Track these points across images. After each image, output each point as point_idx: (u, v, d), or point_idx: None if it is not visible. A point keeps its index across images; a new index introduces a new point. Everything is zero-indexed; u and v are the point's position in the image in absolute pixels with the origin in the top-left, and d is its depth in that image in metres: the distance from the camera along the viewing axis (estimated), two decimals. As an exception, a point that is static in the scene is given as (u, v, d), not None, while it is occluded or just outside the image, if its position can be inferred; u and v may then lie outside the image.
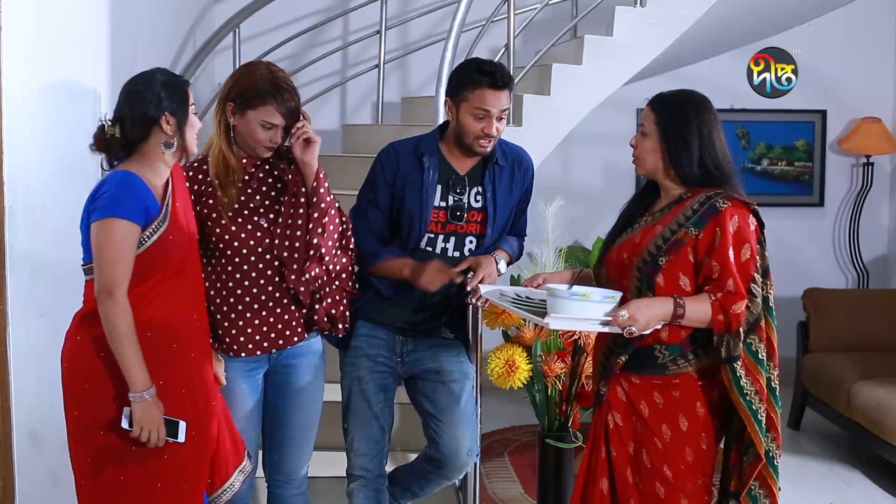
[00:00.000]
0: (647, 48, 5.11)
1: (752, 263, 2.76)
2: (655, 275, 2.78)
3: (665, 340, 2.80)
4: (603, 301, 2.72)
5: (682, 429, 2.81)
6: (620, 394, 2.87)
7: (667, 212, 2.88)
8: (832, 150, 6.90)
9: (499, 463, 5.21)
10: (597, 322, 2.72)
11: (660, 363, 2.81)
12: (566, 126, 5.06)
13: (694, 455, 2.82)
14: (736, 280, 2.72)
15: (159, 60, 4.60)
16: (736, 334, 2.73)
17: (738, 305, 2.72)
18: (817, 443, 5.66)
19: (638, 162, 2.93)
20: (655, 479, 2.82)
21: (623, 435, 2.86)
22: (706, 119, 2.86)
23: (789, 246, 6.75)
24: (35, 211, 3.43)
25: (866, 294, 6.43)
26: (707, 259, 2.75)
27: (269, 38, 5.87)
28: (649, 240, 2.83)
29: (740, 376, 2.74)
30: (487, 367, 3.75)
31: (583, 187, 6.48)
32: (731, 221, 2.75)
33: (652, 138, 2.87)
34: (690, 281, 2.78)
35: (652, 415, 2.82)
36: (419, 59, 6.19)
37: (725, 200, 2.78)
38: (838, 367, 5.50)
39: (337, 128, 6.20)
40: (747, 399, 2.75)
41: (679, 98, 2.91)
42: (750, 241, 2.77)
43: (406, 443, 4.04)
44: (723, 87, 6.71)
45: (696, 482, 2.83)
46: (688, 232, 2.78)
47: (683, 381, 2.81)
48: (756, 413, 2.76)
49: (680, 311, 2.72)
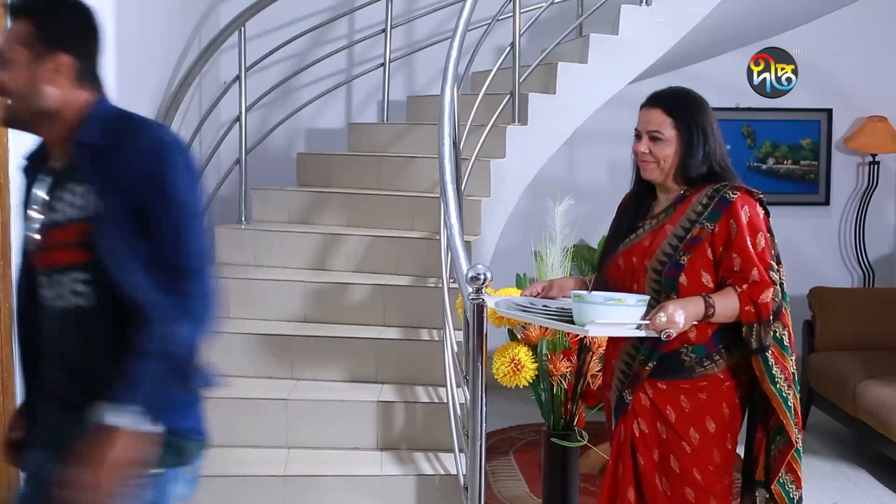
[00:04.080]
0: (653, 47, 5.11)
1: (768, 251, 2.77)
2: (678, 275, 2.76)
3: (693, 341, 2.78)
4: (637, 304, 2.69)
5: (710, 431, 2.80)
6: (644, 401, 2.85)
7: (672, 211, 2.85)
8: (838, 148, 6.89)
9: (504, 461, 5.21)
10: (633, 326, 2.69)
11: (687, 366, 2.80)
12: (572, 125, 5.06)
13: (721, 456, 2.82)
14: (759, 269, 2.73)
15: (165, 58, 4.61)
16: (766, 323, 2.73)
17: (766, 294, 2.72)
18: (823, 442, 5.65)
19: (654, 167, 2.85)
20: (685, 483, 2.81)
21: (649, 442, 2.84)
22: (713, 115, 2.87)
23: (795, 245, 6.73)
24: (41, 209, 3.43)
25: (872, 293, 6.42)
26: (726, 253, 2.74)
27: (275, 36, 5.87)
28: (661, 241, 2.81)
29: (772, 365, 2.74)
30: (493, 365, 3.75)
31: (588, 186, 6.48)
32: (742, 211, 2.75)
33: (671, 142, 2.83)
34: (712, 277, 2.77)
35: (679, 419, 2.81)
36: (425, 58, 6.19)
37: (734, 191, 2.78)
38: (844, 366, 5.49)
39: (342, 126, 6.21)
40: (778, 387, 2.76)
41: (687, 97, 2.89)
42: (762, 229, 2.78)
43: (410, 441, 4.04)
44: (728, 85, 6.71)
45: (723, 482, 2.83)
46: (703, 227, 2.77)
47: (710, 383, 2.80)
48: (787, 400, 2.77)
49: (711, 309, 2.71)
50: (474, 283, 3.05)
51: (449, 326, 3.95)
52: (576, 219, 4.46)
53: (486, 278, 3.06)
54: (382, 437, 4.02)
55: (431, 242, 4.56)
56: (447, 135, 3.88)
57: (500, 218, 4.88)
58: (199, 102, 5.28)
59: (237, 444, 3.98)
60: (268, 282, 4.59)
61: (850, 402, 5.25)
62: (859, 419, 5.19)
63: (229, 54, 5.58)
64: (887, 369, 5.32)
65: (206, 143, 5.31)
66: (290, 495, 3.76)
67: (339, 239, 4.80)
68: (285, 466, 3.84)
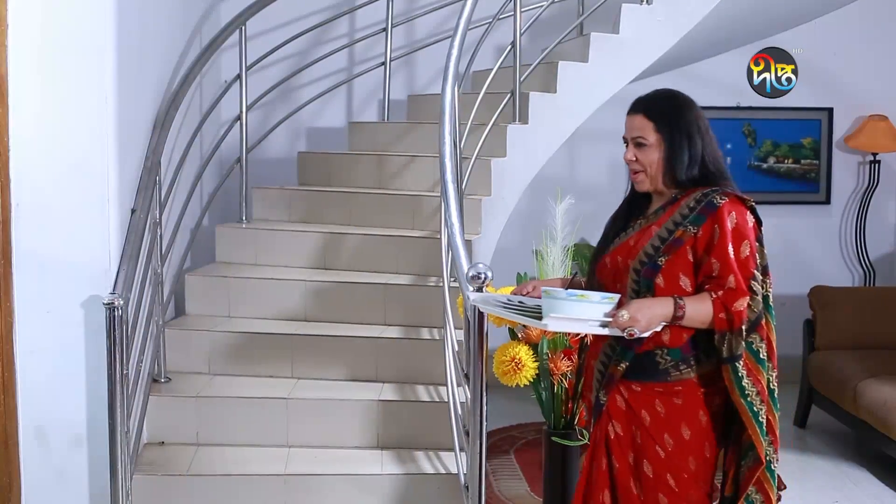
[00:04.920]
0: (654, 46, 5.10)
1: (752, 260, 2.71)
2: (655, 276, 2.72)
3: (667, 344, 2.74)
4: (602, 302, 2.67)
5: (684, 437, 2.75)
6: (620, 402, 2.81)
7: (661, 212, 2.82)
8: (838, 147, 6.89)
9: (505, 461, 5.21)
10: (596, 323, 2.66)
11: (661, 369, 2.75)
12: (572, 124, 5.06)
13: (696, 464, 2.76)
14: (737, 277, 2.66)
15: (166, 57, 4.61)
16: (738, 332, 2.67)
17: (741, 302, 2.66)
18: (824, 441, 5.65)
19: (643, 177, 2.83)
20: (658, 488, 2.76)
21: (623, 445, 2.80)
22: (699, 116, 2.82)
23: (795, 244, 6.75)
24: (41, 208, 3.45)
25: (873, 292, 6.41)
26: (706, 257, 2.69)
27: (276, 35, 5.87)
28: (645, 241, 2.78)
29: (742, 376, 2.68)
30: (493, 364, 3.75)
31: (589, 185, 6.48)
32: (728, 217, 2.70)
33: (655, 147, 2.80)
34: (691, 281, 2.73)
35: (654, 423, 2.77)
36: (425, 57, 6.19)
37: (722, 196, 2.73)
38: (845, 365, 5.49)
39: (343, 125, 6.21)
40: (748, 400, 2.69)
41: (669, 99, 2.85)
42: (749, 238, 2.71)
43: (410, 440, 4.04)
44: (729, 84, 6.71)
45: (699, 491, 2.77)
46: (686, 230, 2.72)
47: (686, 389, 2.75)
48: (757, 415, 2.70)
49: (680, 311, 2.66)
50: (475, 282, 3.05)
51: (449, 325, 3.95)
52: (576, 218, 4.46)
53: (487, 277, 3.05)
54: (383, 436, 4.02)
55: (432, 241, 4.56)
56: (448, 134, 3.88)
57: (500, 217, 4.88)
58: (199, 101, 5.28)
59: (237, 443, 3.99)
60: (268, 281, 4.59)
61: (851, 401, 5.25)
62: (860, 418, 5.19)
63: (230, 53, 5.57)
64: (888, 368, 5.33)
65: (207, 143, 5.31)
66: (290, 494, 3.76)
67: (340, 238, 4.80)
68: (286, 465, 3.84)
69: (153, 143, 4.12)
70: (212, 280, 4.65)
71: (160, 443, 4.01)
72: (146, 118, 4.18)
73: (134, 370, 3.65)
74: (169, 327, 4.33)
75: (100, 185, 3.54)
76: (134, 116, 3.93)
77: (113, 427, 3.31)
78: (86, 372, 3.54)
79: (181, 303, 4.68)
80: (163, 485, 3.75)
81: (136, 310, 3.73)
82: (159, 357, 4.19)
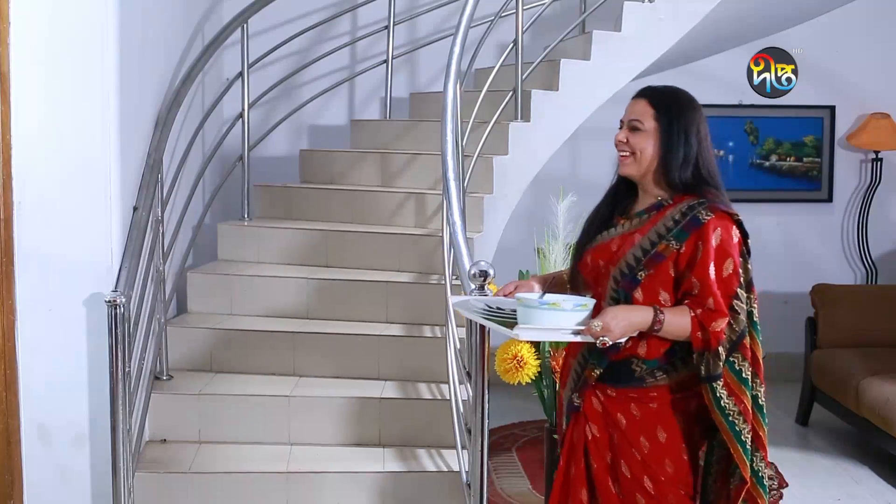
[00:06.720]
0: (656, 44, 5.10)
1: (735, 279, 2.64)
2: (634, 289, 2.68)
3: (643, 356, 2.70)
4: (574, 310, 2.61)
5: (660, 441, 2.71)
6: (596, 405, 2.77)
7: (645, 218, 2.76)
8: (841, 145, 6.88)
9: (506, 458, 5.21)
10: (568, 331, 2.60)
11: (637, 376, 2.71)
12: (575, 121, 5.06)
13: (674, 467, 2.72)
14: (716, 298, 2.60)
15: (167, 55, 4.61)
16: (715, 353, 2.61)
17: (718, 323, 2.60)
18: (825, 439, 5.65)
19: (631, 160, 2.77)
20: (636, 490, 2.73)
21: (601, 446, 2.77)
22: (702, 120, 2.76)
23: (798, 242, 6.75)
24: (44, 206, 3.45)
25: (875, 290, 6.41)
26: (688, 272, 2.64)
27: (278, 33, 5.88)
28: (627, 249, 2.72)
29: (720, 397, 2.62)
30: (495, 362, 3.74)
31: (591, 183, 6.44)
32: (713, 235, 2.63)
33: (650, 134, 2.74)
34: (670, 296, 2.67)
35: (630, 427, 2.73)
36: (427, 55, 6.19)
37: (709, 212, 2.66)
38: (847, 363, 5.49)
39: (345, 123, 6.21)
40: (730, 420, 2.63)
41: (676, 95, 2.80)
42: (733, 256, 2.64)
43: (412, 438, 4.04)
44: (731, 82, 6.71)
45: (678, 493, 2.73)
46: (669, 245, 2.66)
47: (661, 394, 2.71)
48: (739, 434, 2.64)
49: (658, 325, 2.61)
50: (477, 280, 3.05)
51: (451, 323, 3.95)
52: (578, 215, 4.44)
53: (489, 275, 3.05)
54: (385, 433, 4.02)
55: (434, 239, 4.56)
56: (450, 131, 3.87)
57: (502, 215, 4.88)
58: (201, 99, 5.28)
59: (239, 441, 4.00)
60: (270, 278, 4.59)
61: (853, 399, 5.25)
62: (862, 416, 5.19)
63: (232, 51, 5.58)
64: (890, 366, 5.32)
65: (209, 140, 5.31)
66: (292, 492, 3.77)
67: (342, 236, 4.81)
68: (287, 463, 3.85)
69: (155, 141, 4.13)
70: (214, 277, 4.65)
71: (162, 440, 4.02)
72: (148, 116, 4.18)
73: (136, 368, 3.66)
74: (171, 325, 4.33)
75: (102, 182, 3.54)
76: (136, 114, 3.93)
77: (115, 425, 3.31)
78: (88, 370, 3.54)
79: (183, 300, 4.69)
80: (165, 482, 3.75)
81: (138, 307, 3.73)
82: (161, 355, 4.20)
